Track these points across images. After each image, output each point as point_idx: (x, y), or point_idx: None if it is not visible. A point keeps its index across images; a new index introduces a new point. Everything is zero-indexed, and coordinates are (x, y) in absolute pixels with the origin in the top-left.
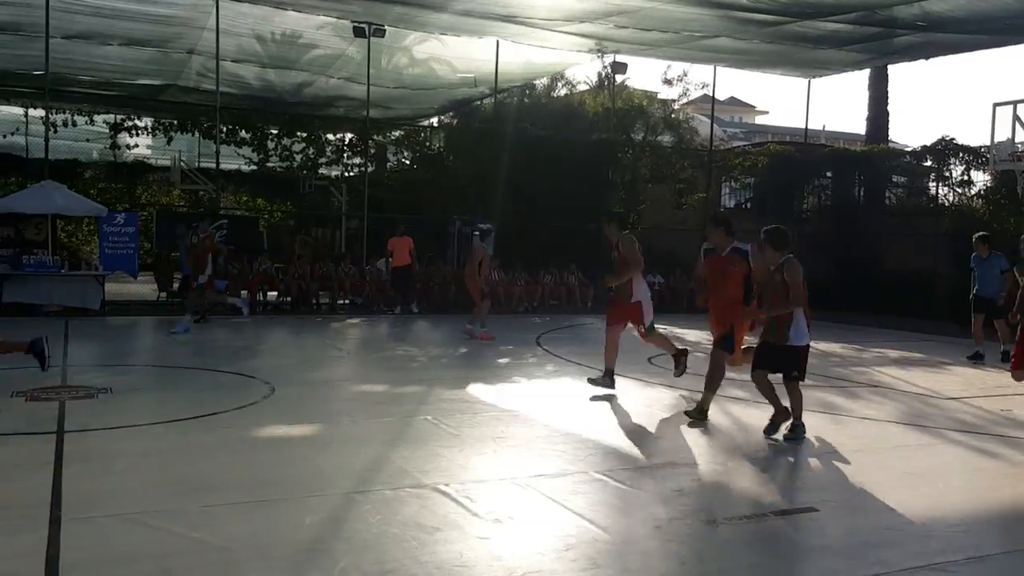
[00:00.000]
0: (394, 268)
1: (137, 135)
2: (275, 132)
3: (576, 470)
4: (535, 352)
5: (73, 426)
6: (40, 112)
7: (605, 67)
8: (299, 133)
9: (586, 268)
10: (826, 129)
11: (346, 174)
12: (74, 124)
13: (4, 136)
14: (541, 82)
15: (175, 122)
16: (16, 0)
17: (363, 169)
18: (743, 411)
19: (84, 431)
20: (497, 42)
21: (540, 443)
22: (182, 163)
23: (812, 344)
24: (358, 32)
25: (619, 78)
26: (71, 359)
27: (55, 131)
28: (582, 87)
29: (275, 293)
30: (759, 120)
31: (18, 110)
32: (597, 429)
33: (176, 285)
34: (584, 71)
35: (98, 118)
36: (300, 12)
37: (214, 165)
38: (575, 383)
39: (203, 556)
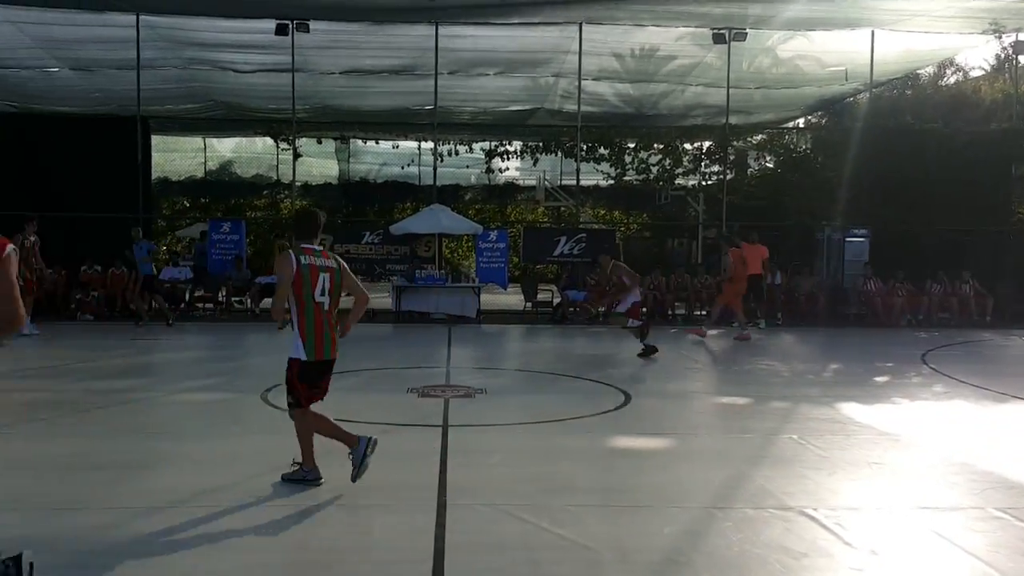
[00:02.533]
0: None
1: (508, 159)
2: (632, 146)
3: (971, 505)
4: (920, 370)
5: (455, 421)
6: (430, 144)
7: (1004, 48)
8: (656, 145)
9: (984, 276)
10: None
11: (703, 183)
12: (456, 153)
13: (403, 167)
14: (927, 71)
15: (540, 144)
16: (412, 46)
17: (721, 177)
18: None
19: (465, 426)
20: (872, 32)
21: (926, 472)
22: (546, 182)
23: None
24: (717, 39)
25: (1022, 59)
26: (453, 361)
27: (441, 160)
28: (976, 73)
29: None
30: None
31: (413, 144)
32: (999, 460)
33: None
34: (979, 55)
35: (476, 146)
36: (659, 27)
37: (575, 182)
38: (971, 407)
39: (567, 552)
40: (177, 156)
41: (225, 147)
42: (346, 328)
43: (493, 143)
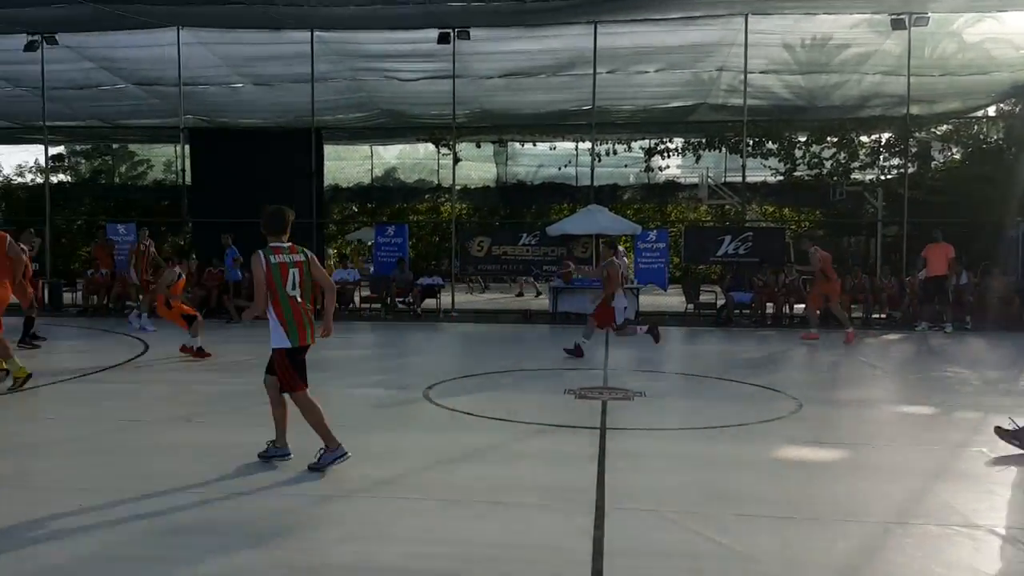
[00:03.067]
0: (927, 278)
1: (668, 156)
2: (803, 140)
3: None
4: None
5: (614, 424)
6: (588, 144)
7: None
8: (829, 138)
9: None
10: None
11: (882, 177)
12: (614, 152)
13: (560, 168)
14: None
15: (703, 140)
16: (569, 46)
17: (902, 171)
18: None
19: (623, 430)
20: None
21: None
22: (709, 179)
23: None
24: (896, 24)
25: None
26: (611, 363)
27: (599, 160)
28: None
29: (802, 306)
30: None
31: (570, 144)
32: None
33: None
34: None
35: (635, 144)
36: (832, 14)
37: (740, 178)
38: None
39: (732, 563)
40: (346, 164)
41: (390, 154)
42: (327, 330)
43: (653, 141)
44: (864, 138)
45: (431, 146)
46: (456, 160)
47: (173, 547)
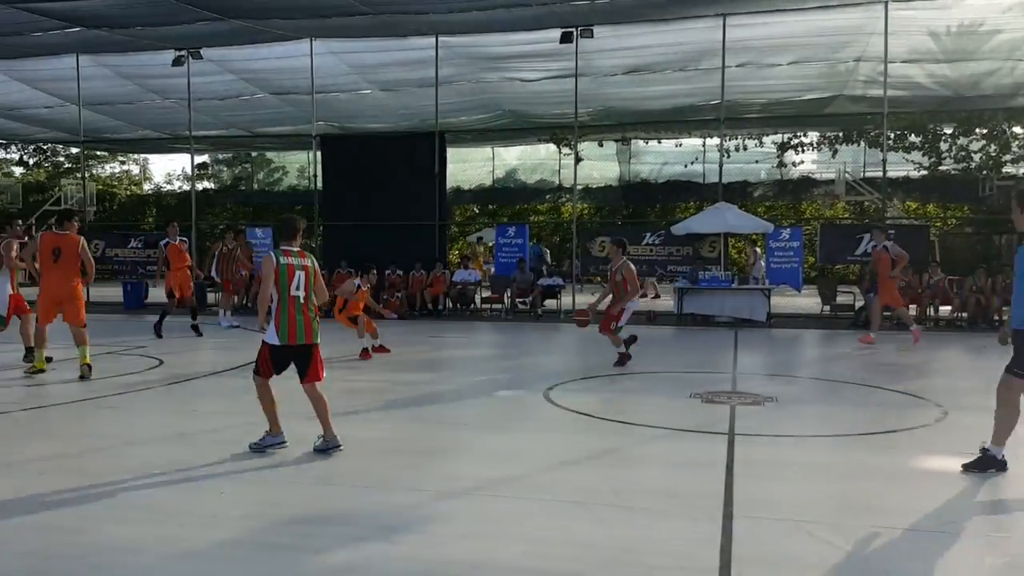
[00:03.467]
0: None
1: (802, 151)
2: (948, 132)
3: None
4: None
5: (742, 430)
6: (715, 140)
7: None
8: (977, 130)
9: None
10: None
11: None
12: (744, 148)
13: (685, 166)
14: None
15: (840, 134)
16: (696, 40)
17: None
18: None
19: (752, 436)
20: None
21: None
22: (847, 174)
23: None
24: None
25: None
26: (740, 367)
27: (727, 156)
28: None
29: (948, 308)
30: None
31: (697, 141)
32: None
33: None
34: None
35: (766, 139)
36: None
37: (880, 173)
38: None
39: None
40: (468, 166)
41: (511, 155)
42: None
43: (786, 135)
44: (1018, 129)
45: (552, 146)
46: (578, 159)
47: (305, 536)
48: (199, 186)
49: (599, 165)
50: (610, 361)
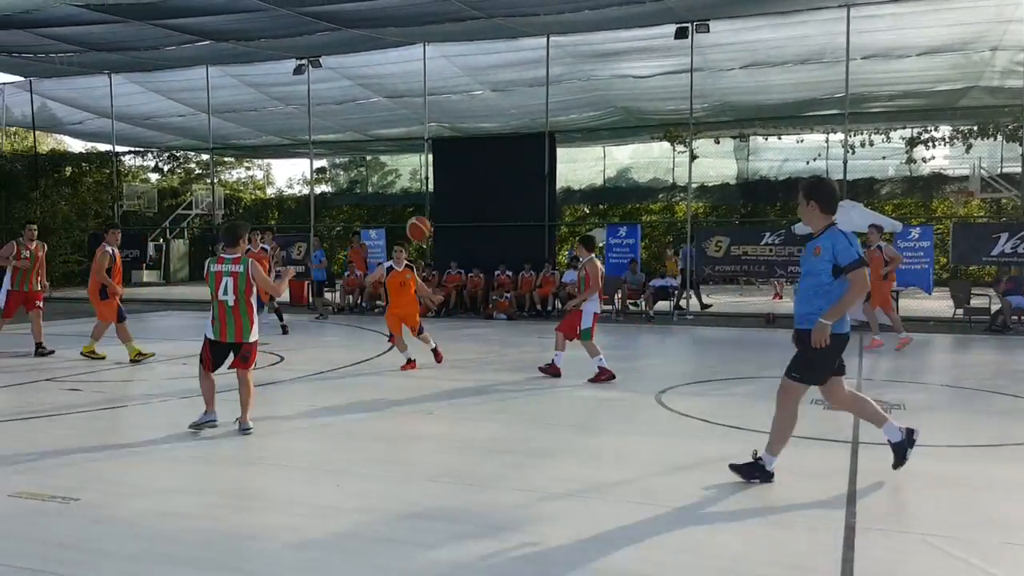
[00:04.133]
0: None
1: (933, 146)
2: None
3: None
4: None
5: (867, 438)
6: (839, 136)
7: None
8: None
9: None
10: None
11: None
12: (870, 143)
13: (807, 162)
14: None
15: (974, 127)
16: (818, 32)
17: None
18: None
19: (877, 444)
20: None
21: None
22: (982, 170)
23: None
24: None
25: None
26: (864, 372)
27: (852, 152)
28: None
29: None
30: None
31: (820, 137)
32: None
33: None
34: None
35: (894, 134)
36: None
37: (1019, 169)
38: None
39: None
40: (579, 166)
41: (623, 154)
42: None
43: (915, 130)
44: None
45: (666, 144)
46: (693, 157)
47: (415, 531)
48: (317, 189)
49: (715, 163)
50: (725, 363)
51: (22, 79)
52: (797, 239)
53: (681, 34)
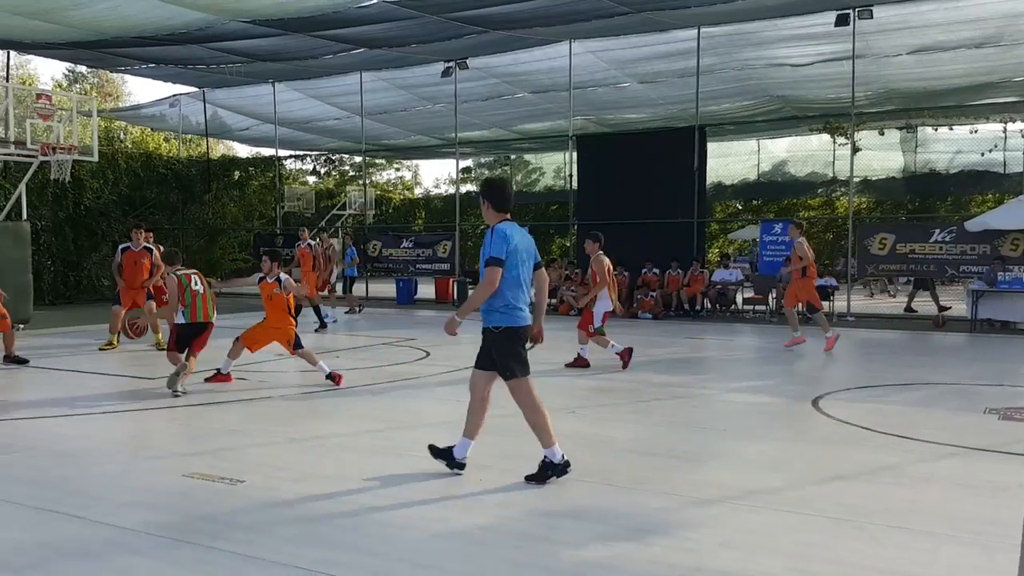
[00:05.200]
0: None
1: None
2: None
3: None
4: None
5: None
6: (1019, 125)
7: None
8: None
9: None
10: None
11: None
12: None
13: (983, 154)
14: None
15: None
16: (994, 14)
17: None
18: None
19: None
20: None
21: None
22: None
23: None
24: None
25: None
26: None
27: None
28: None
29: None
30: None
31: (997, 126)
32: None
33: None
34: None
35: None
36: None
37: None
38: None
39: None
40: (731, 160)
41: (778, 147)
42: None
43: None
44: None
45: (825, 136)
46: (855, 149)
47: (558, 529)
48: (463, 189)
49: (879, 155)
50: (891, 369)
51: (196, 90)
52: (970, 236)
53: (842, 21)
